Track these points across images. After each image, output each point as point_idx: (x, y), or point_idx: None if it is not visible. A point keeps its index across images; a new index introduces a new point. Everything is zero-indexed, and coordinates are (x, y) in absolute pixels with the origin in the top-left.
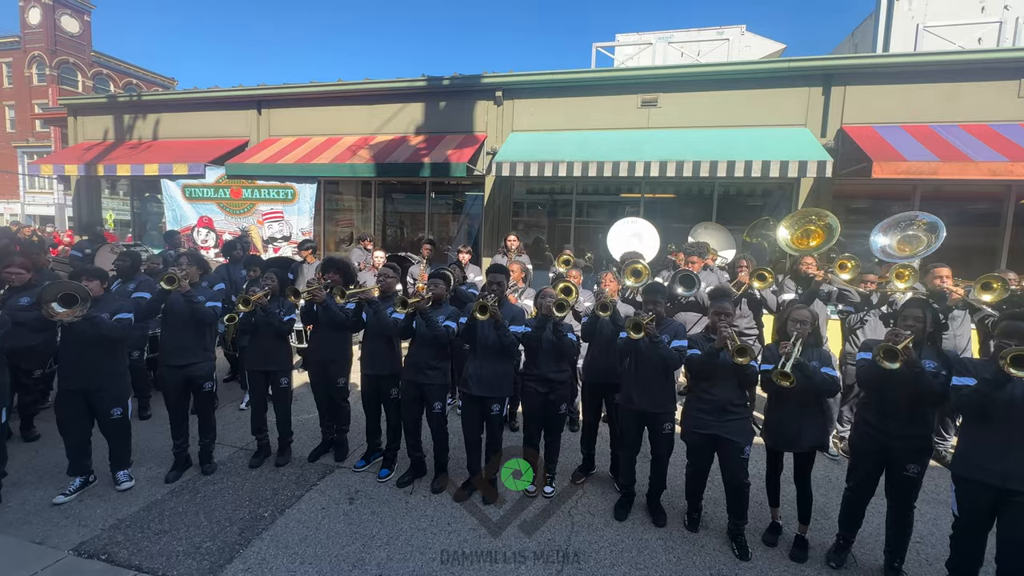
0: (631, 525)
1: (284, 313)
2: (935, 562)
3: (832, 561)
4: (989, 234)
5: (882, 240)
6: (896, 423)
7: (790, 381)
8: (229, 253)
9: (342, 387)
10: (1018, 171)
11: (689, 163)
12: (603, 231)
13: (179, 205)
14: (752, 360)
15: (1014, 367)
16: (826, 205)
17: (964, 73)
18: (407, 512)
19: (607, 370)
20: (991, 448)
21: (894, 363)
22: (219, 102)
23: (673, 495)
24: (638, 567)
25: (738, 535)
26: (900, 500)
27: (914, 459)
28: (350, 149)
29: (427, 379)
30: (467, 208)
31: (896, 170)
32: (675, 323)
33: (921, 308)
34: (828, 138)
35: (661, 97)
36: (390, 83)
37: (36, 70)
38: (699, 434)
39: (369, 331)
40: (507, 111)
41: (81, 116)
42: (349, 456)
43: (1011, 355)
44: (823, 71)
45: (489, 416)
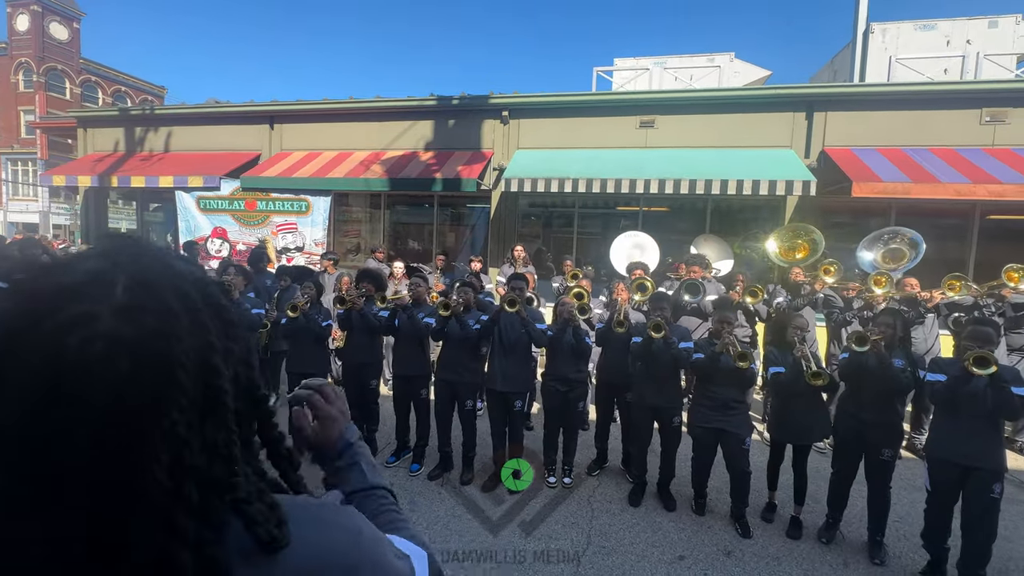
0: (645, 510)
1: (322, 319)
2: (912, 537)
3: (823, 537)
4: (957, 248)
5: (868, 255)
6: (871, 412)
7: (823, 380)
8: (256, 264)
9: (374, 389)
10: (980, 192)
11: (685, 181)
12: (603, 243)
13: (193, 216)
14: (751, 364)
15: (976, 366)
16: (810, 220)
17: (933, 102)
18: (441, 501)
19: (620, 371)
20: (959, 434)
21: (863, 347)
22: (231, 116)
23: (680, 483)
24: (654, 545)
25: (740, 517)
26: (877, 480)
27: (887, 444)
28: (363, 164)
29: (460, 378)
30: (473, 220)
31: (873, 190)
32: (681, 327)
33: (892, 316)
34: (811, 159)
35: (658, 119)
36: (400, 101)
37: (23, 76)
38: (704, 428)
39: (401, 335)
40: (513, 130)
41: (91, 128)
42: (378, 453)
43: (973, 356)
44: (806, 98)
45: (512, 411)
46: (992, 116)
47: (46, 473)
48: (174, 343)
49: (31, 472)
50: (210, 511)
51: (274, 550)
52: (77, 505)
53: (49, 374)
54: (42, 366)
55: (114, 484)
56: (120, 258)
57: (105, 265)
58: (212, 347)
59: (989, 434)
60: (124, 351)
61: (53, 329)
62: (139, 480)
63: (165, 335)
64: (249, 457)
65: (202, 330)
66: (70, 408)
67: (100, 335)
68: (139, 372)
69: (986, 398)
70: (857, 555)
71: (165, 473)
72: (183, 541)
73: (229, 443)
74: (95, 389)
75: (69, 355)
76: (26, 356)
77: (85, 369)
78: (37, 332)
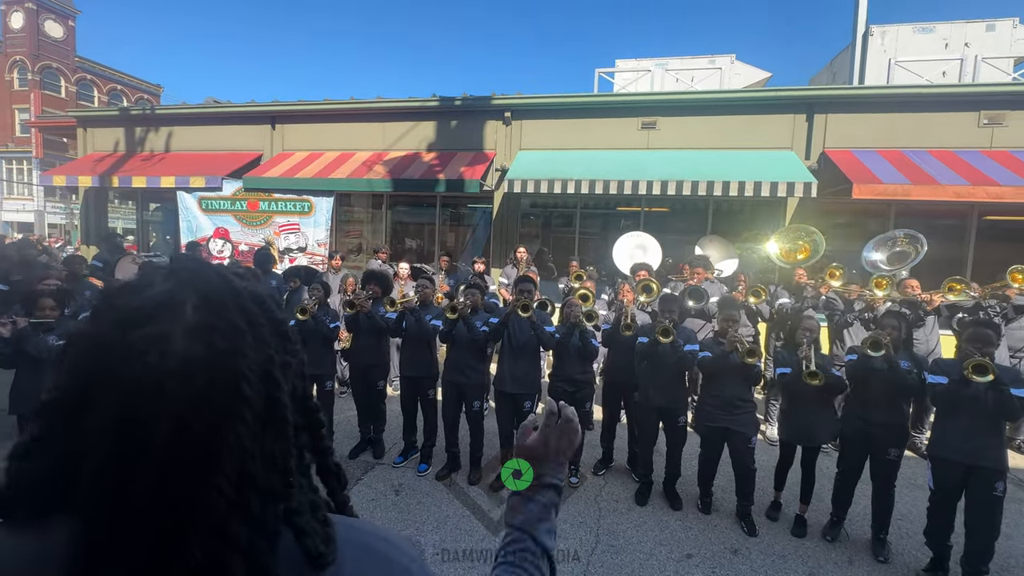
0: (651, 509)
1: (330, 320)
2: (915, 535)
3: (828, 535)
4: (956, 248)
5: (874, 255)
6: (877, 413)
7: (819, 379)
8: (263, 265)
9: (381, 390)
10: (978, 194)
11: (687, 183)
12: (605, 243)
13: (195, 216)
14: (759, 360)
15: (975, 374)
16: (811, 221)
17: (931, 104)
18: (449, 501)
19: (626, 372)
20: (960, 433)
21: (878, 352)
22: (233, 116)
23: (686, 483)
24: (662, 544)
25: (746, 515)
26: (883, 480)
27: (894, 444)
28: (365, 164)
29: (467, 379)
30: (475, 221)
31: (873, 191)
32: (687, 329)
33: (897, 319)
34: (812, 161)
35: (660, 120)
36: (402, 102)
37: (18, 75)
38: (711, 427)
39: (409, 336)
40: (515, 131)
41: (91, 128)
42: (386, 454)
43: (972, 364)
44: (807, 100)
45: (521, 412)
46: (990, 119)
47: (123, 482)
48: (240, 359)
49: (113, 480)
50: (265, 520)
51: (321, 566)
52: (147, 512)
53: (128, 393)
54: (121, 385)
55: (183, 494)
56: (186, 277)
57: (174, 286)
58: (273, 361)
59: (991, 433)
60: (197, 369)
61: (131, 349)
62: (206, 490)
63: (233, 352)
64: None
65: (264, 345)
66: (147, 425)
67: (174, 354)
68: (211, 388)
69: (987, 398)
70: (861, 553)
71: (231, 484)
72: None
73: (286, 454)
74: (170, 407)
75: (143, 373)
76: (107, 377)
77: (160, 387)
78: (117, 353)
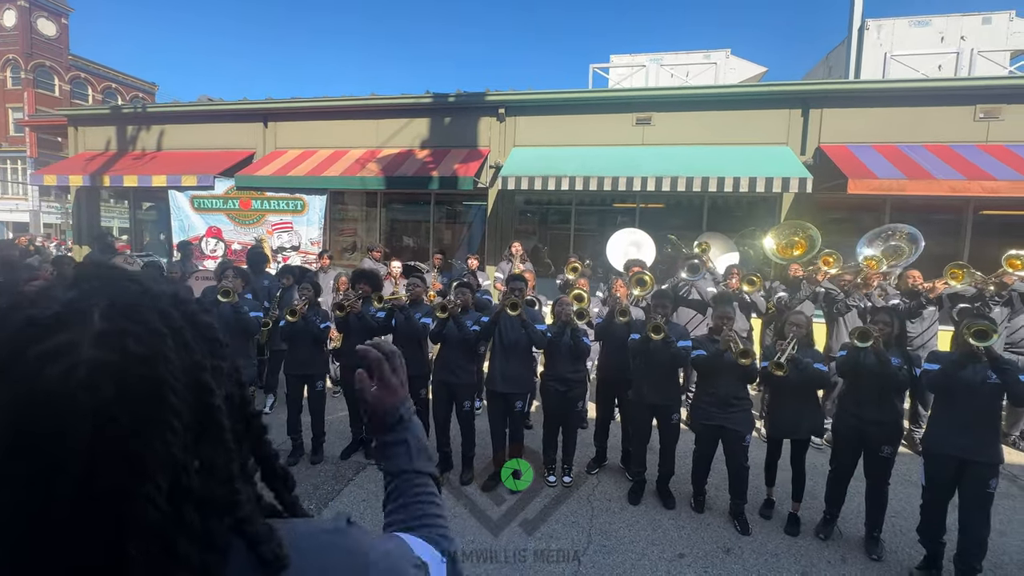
0: (644, 508)
1: (320, 321)
2: (908, 532)
3: (821, 533)
4: (951, 243)
5: (868, 251)
6: (870, 410)
7: (783, 371)
8: (255, 264)
9: None
10: (974, 188)
11: (682, 179)
12: (600, 239)
13: (187, 216)
14: (754, 360)
15: (975, 339)
16: (807, 217)
17: (927, 98)
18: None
19: (620, 369)
20: (954, 428)
21: (866, 342)
22: (225, 115)
23: (679, 481)
24: (654, 543)
25: (739, 514)
26: (876, 477)
27: (887, 441)
28: (358, 162)
29: (457, 379)
30: (470, 218)
31: (869, 187)
32: (679, 326)
33: (890, 315)
34: (807, 156)
35: (654, 116)
36: (396, 99)
37: (11, 73)
38: (705, 424)
39: (399, 335)
40: (509, 127)
41: (82, 127)
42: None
43: (973, 328)
44: (802, 95)
45: (512, 411)
46: (986, 113)
47: (37, 505)
48: (162, 364)
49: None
50: (214, 534)
51: (277, 570)
52: (72, 536)
53: (31, 406)
54: (23, 399)
55: (112, 513)
56: (92, 285)
57: (77, 295)
58: (202, 366)
59: (986, 428)
60: (107, 376)
61: (34, 361)
62: (138, 507)
63: (151, 357)
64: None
65: (189, 350)
66: (57, 440)
67: (82, 362)
68: (125, 396)
69: (983, 391)
70: (854, 551)
71: (164, 499)
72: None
73: (228, 462)
74: (80, 418)
75: (51, 386)
76: (5, 391)
77: (69, 397)
78: (17, 366)
